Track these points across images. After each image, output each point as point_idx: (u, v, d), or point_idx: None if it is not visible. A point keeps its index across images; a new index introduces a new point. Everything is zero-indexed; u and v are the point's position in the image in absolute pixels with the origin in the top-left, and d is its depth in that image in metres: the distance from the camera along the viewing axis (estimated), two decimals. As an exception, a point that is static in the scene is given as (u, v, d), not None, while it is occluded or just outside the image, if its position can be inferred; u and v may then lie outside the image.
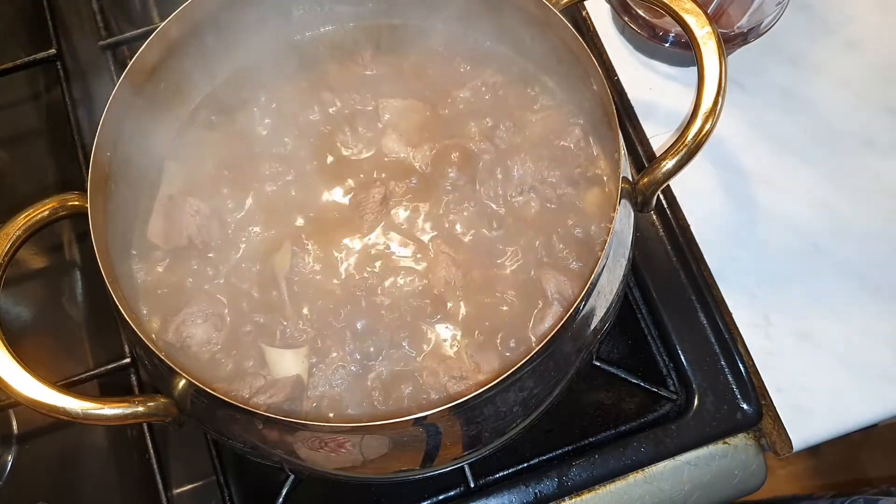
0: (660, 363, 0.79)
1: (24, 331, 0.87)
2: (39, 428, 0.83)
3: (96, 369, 0.76)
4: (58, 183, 0.94)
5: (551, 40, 0.68)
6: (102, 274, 0.56)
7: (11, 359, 0.51)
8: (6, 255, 0.54)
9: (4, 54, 0.90)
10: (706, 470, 0.74)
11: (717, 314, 0.77)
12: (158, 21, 0.90)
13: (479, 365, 0.63)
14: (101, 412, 0.52)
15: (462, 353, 0.64)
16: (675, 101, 0.86)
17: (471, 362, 0.63)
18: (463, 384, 0.62)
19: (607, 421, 0.78)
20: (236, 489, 0.74)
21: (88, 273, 0.89)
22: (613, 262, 0.60)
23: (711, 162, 0.83)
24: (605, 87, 0.61)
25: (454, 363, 0.63)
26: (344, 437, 0.55)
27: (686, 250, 0.80)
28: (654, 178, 0.58)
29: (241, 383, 0.62)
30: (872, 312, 0.77)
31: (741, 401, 0.76)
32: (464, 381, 0.62)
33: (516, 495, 0.73)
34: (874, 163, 0.83)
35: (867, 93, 0.86)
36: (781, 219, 0.81)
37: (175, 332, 0.64)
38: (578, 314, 0.56)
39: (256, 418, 0.54)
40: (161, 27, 0.65)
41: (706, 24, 0.56)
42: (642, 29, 0.85)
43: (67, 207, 0.58)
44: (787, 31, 0.85)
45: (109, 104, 0.62)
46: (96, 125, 0.61)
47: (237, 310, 0.67)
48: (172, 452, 0.80)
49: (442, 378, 0.63)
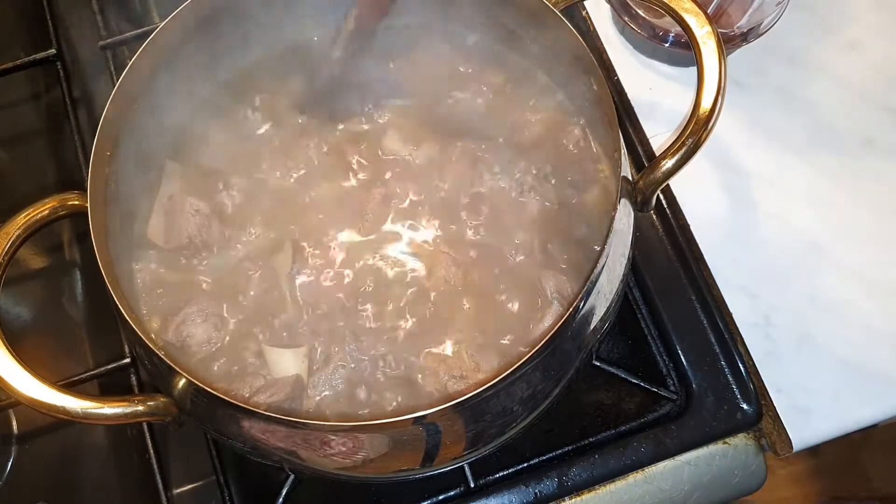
0: (660, 363, 0.79)
1: (24, 331, 0.87)
2: (39, 428, 0.83)
3: (96, 369, 0.76)
4: (58, 183, 0.94)
5: (551, 40, 0.68)
6: (102, 274, 0.56)
7: (11, 359, 0.51)
8: (6, 255, 0.54)
9: (4, 54, 0.90)
10: (706, 470, 0.74)
11: (717, 314, 0.77)
12: (158, 21, 0.89)
13: (479, 364, 0.63)
14: (101, 412, 0.52)
15: (462, 352, 0.64)
16: (675, 101, 0.86)
17: (471, 361, 0.63)
18: (463, 383, 0.62)
19: (607, 421, 0.78)
20: (236, 489, 0.74)
21: (88, 273, 0.89)
22: (613, 261, 0.60)
23: (711, 162, 0.83)
24: (605, 87, 0.62)
25: (454, 362, 0.63)
26: (344, 437, 0.55)
27: (686, 250, 0.80)
28: (654, 177, 0.58)
29: (240, 383, 0.62)
30: (872, 312, 0.77)
31: (741, 401, 0.76)
32: (464, 380, 0.62)
33: (516, 495, 0.73)
34: (874, 163, 0.83)
35: (867, 93, 0.86)
36: (781, 219, 0.81)
37: (175, 332, 0.64)
38: (578, 314, 0.56)
39: (256, 418, 0.54)
40: (161, 27, 0.65)
41: (706, 23, 0.56)
42: (642, 29, 0.85)
43: (67, 207, 0.58)
44: (787, 31, 0.85)
45: (109, 104, 0.62)
46: (96, 125, 0.61)
47: (237, 309, 0.67)
48: (172, 452, 0.80)
49: (442, 378, 0.63)
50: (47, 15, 0.90)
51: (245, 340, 0.66)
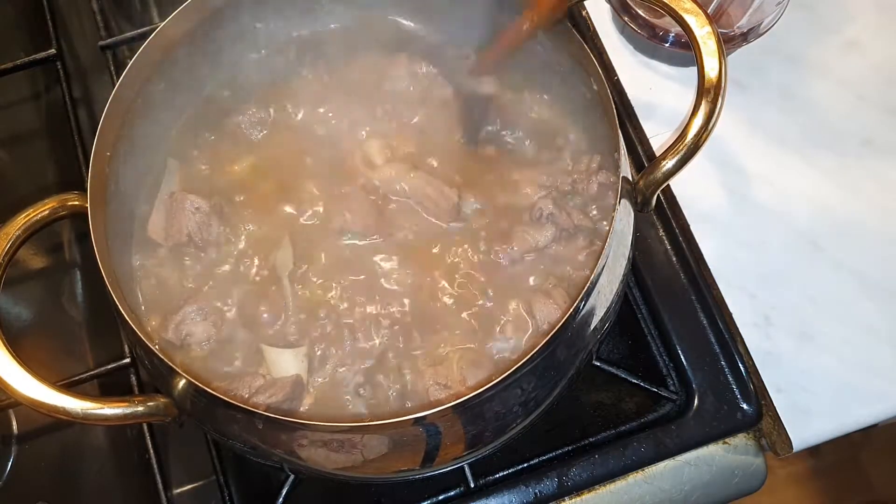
0: (660, 363, 0.79)
1: (24, 331, 0.87)
2: (39, 428, 0.83)
3: (96, 369, 0.76)
4: (58, 183, 0.94)
5: (551, 40, 0.68)
6: (102, 274, 0.56)
7: (11, 359, 0.51)
8: (6, 255, 0.54)
9: (4, 54, 0.90)
10: (706, 470, 0.74)
11: (717, 314, 0.77)
12: (158, 21, 0.90)
13: (480, 362, 0.63)
14: (101, 412, 0.52)
15: (461, 354, 0.64)
16: (675, 101, 0.86)
17: (468, 365, 0.63)
18: (462, 384, 0.62)
19: (607, 421, 0.78)
20: (236, 489, 0.74)
21: (88, 273, 0.89)
22: (613, 261, 0.60)
23: (711, 162, 0.83)
24: (605, 87, 0.62)
25: (455, 363, 0.63)
26: (344, 437, 0.55)
27: (686, 250, 0.80)
28: (654, 177, 0.58)
29: (240, 383, 0.62)
30: (872, 312, 0.77)
31: (741, 401, 0.76)
32: (462, 381, 0.62)
33: (516, 495, 0.73)
34: (874, 163, 0.83)
35: (867, 93, 0.86)
36: (781, 219, 0.81)
37: (174, 331, 0.64)
38: (578, 314, 0.56)
39: (256, 418, 0.54)
40: (161, 27, 0.65)
41: (706, 23, 0.56)
42: (642, 29, 0.85)
43: (67, 207, 0.58)
44: (787, 31, 0.85)
45: (109, 104, 0.62)
46: (96, 125, 0.61)
47: (237, 308, 0.67)
48: (172, 452, 0.80)
49: (442, 379, 0.63)
50: (47, 15, 0.90)
51: (245, 340, 0.66)
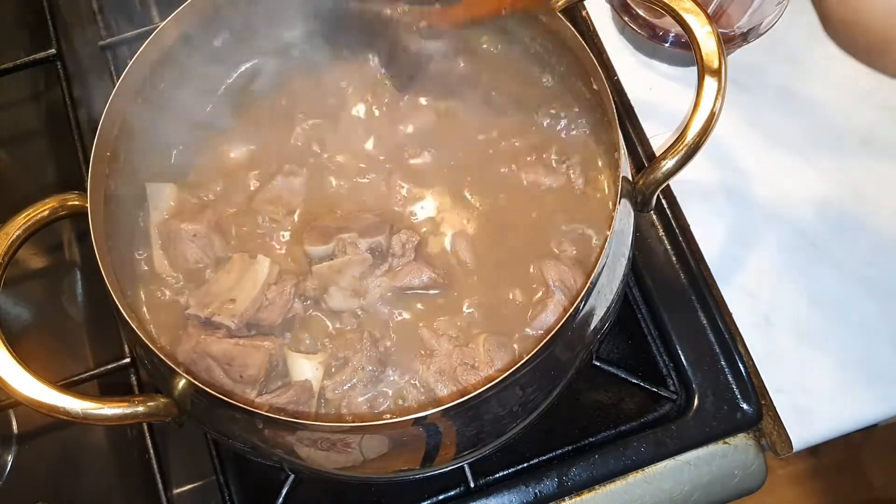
0: (660, 363, 0.79)
1: (24, 331, 0.87)
2: (39, 428, 0.83)
3: (96, 369, 0.76)
4: (58, 183, 0.94)
5: (551, 40, 0.68)
6: (102, 274, 0.56)
7: (11, 359, 0.51)
8: (6, 255, 0.54)
9: (4, 54, 0.90)
10: (706, 470, 0.74)
11: (717, 314, 0.77)
12: (158, 21, 0.90)
13: (493, 360, 0.62)
14: (101, 412, 0.52)
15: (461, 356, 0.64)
16: (675, 101, 0.86)
17: (486, 356, 0.63)
18: (461, 385, 0.62)
19: (607, 421, 0.78)
20: (236, 489, 0.74)
21: (88, 273, 0.89)
22: (613, 261, 0.60)
23: (711, 162, 0.83)
24: (605, 87, 0.62)
25: (482, 345, 0.63)
26: (344, 437, 0.55)
27: (686, 250, 0.80)
28: (654, 177, 0.58)
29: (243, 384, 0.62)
30: (872, 312, 0.77)
31: (741, 401, 0.76)
32: (458, 383, 0.62)
33: (516, 495, 0.73)
34: (874, 162, 0.83)
35: (867, 93, 0.86)
36: (781, 219, 0.81)
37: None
38: (578, 314, 0.56)
39: (256, 418, 0.54)
40: (161, 27, 0.65)
41: (706, 23, 0.56)
42: (642, 29, 0.85)
43: (67, 207, 0.58)
44: (787, 31, 0.85)
45: (109, 104, 0.62)
46: (96, 125, 0.61)
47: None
48: (172, 452, 0.80)
49: (445, 379, 0.63)
50: (47, 15, 0.90)
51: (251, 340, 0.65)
